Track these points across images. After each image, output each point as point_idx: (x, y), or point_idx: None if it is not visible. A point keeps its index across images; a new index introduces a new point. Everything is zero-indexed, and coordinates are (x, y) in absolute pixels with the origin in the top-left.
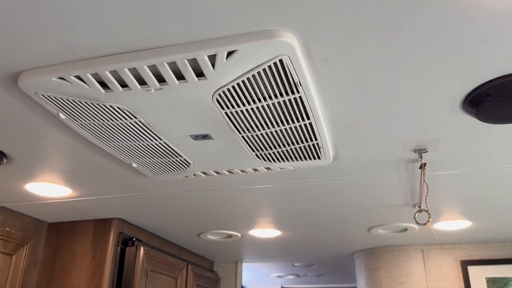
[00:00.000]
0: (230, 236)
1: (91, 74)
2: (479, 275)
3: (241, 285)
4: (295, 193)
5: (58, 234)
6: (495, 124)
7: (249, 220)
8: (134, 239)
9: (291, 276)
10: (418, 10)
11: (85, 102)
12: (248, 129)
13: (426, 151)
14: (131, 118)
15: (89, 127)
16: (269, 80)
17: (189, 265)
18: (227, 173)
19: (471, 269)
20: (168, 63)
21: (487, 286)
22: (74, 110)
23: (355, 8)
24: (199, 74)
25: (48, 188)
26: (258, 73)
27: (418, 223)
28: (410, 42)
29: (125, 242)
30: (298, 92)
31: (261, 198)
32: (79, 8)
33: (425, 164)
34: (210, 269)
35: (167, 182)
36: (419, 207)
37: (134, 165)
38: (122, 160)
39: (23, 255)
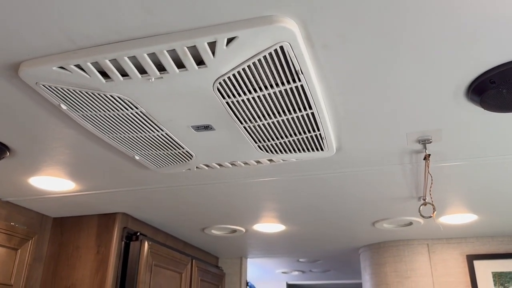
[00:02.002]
0: (234, 231)
1: (91, 63)
2: (485, 270)
3: (246, 280)
4: (299, 186)
5: (62, 228)
6: (500, 113)
7: (253, 214)
8: (138, 233)
9: (296, 272)
10: None
11: (86, 92)
12: (249, 119)
13: (430, 142)
14: (131, 108)
15: (91, 118)
16: (270, 68)
17: (193, 260)
18: (230, 165)
19: (477, 263)
20: (168, 51)
21: (493, 280)
22: (75, 100)
23: None
24: (200, 62)
25: (52, 182)
26: (259, 60)
27: (422, 216)
28: (413, 28)
29: (130, 237)
30: (299, 80)
31: (264, 191)
32: None
33: (429, 155)
34: (215, 265)
35: (170, 176)
36: (424, 199)
37: (137, 157)
38: (124, 152)
39: (28, 250)
